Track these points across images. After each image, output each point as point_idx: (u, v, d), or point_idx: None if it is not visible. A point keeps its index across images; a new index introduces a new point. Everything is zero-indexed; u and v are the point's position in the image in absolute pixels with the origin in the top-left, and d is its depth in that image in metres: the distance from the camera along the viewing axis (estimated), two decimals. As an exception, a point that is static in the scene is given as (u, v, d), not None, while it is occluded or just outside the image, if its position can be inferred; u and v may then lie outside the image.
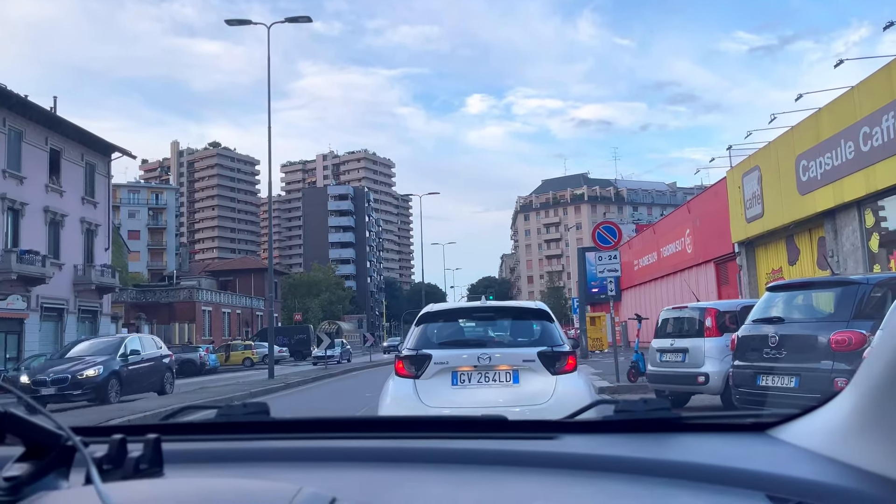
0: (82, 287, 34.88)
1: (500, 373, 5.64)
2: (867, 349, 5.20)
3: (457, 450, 1.27)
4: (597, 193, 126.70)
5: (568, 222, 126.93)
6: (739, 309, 9.86)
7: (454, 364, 5.67)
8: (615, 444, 1.28)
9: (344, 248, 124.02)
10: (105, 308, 37.88)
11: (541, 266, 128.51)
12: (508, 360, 5.66)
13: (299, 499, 0.81)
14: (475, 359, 5.64)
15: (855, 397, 1.07)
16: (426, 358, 5.72)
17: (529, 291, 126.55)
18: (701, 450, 1.23)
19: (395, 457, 1.25)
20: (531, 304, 6.57)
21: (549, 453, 1.22)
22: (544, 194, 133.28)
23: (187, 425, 1.49)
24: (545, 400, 5.47)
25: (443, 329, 6.17)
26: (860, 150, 16.10)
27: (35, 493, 0.86)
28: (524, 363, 5.65)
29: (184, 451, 1.27)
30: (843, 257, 17.59)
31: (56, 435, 0.94)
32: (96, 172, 37.16)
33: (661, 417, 1.37)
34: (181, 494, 0.85)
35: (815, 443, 1.13)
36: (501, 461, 1.21)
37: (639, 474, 1.12)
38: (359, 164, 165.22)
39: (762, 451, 1.20)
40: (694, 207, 29.76)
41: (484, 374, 5.64)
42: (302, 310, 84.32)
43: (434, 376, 5.67)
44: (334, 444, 1.33)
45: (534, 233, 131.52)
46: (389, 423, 1.60)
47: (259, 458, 1.26)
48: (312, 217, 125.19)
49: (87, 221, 36.18)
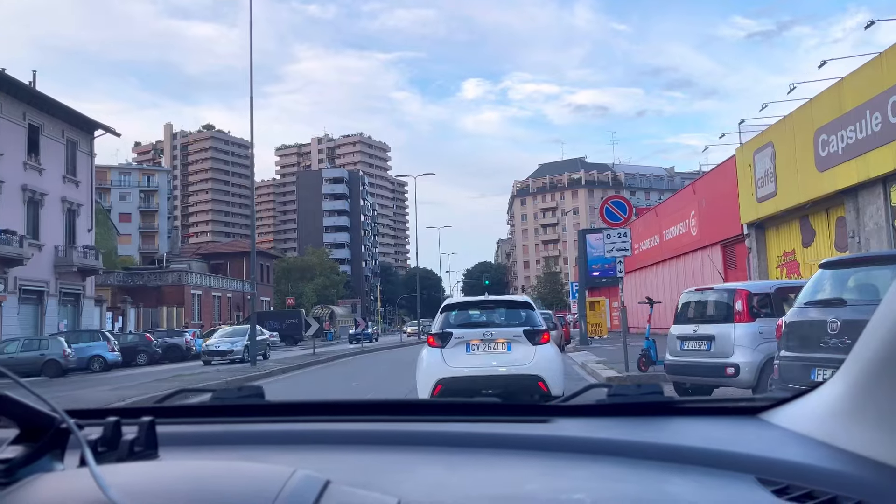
0: (63, 269, 33.59)
1: (499, 344, 8.15)
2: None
3: (451, 433, 1.27)
4: (594, 178, 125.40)
5: (565, 207, 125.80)
6: (774, 290, 8.70)
7: (467, 338, 8.15)
8: (608, 427, 1.28)
9: (339, 233, 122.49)
10: (88, 291, 36.61)
11: (537, 251, 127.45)
12: (504, 335, 8.18)
13: (293, 481, 0.82)
14: (481, 335, 8.17)
15: (846, 381, 1.07)
16: (449, 335, 8.19)
17: (525, 276, 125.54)
18: (693, 433, 1.24)
19: (389, 439, 1.26)
20: (518, 298, 9.32)
21: (542, 436, 1.23)
22: (541, 178, 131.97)
23: (182, 408, 1.52)
24: (528, 362, 7.98)
25: (459, 315, 8.67)
26: (888, 122, 14.89)
27: (30, 475, 0.86)
28: (514, 337, 8.14)
29: (179, 433, 1.28)
30: (866, 237, 16.42)
31: (51, 417, 0.94)
32: (78, 150, 35.76)
33: (653, 401, 1.38)
34: (175, 476, 0.86)
35: (806, 426, 1.14)
36: (495, 444, 1.21)
37: (631, 457, 1.13)
38: (354, 147, 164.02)
39: (753, 434, 1.21)
40: (700, 188, 28.54)
41: (487, 345, 8.14)
42: (295, 294, 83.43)
43: (454, 346, 8.12)
44: (329, 427, 1.33)
45: (530, 217, 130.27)
46: (384, 405, 1.52)
47: (253, 441, 1.27)
48: (307, 201, 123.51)
49: (69, 201, 34.83)
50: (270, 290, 65.60)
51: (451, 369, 7.94)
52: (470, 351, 8.12)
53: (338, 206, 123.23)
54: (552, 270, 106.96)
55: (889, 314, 0.97)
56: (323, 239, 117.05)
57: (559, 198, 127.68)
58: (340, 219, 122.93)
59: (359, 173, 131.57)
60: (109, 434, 0.99)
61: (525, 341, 8.09)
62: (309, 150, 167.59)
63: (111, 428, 0.99)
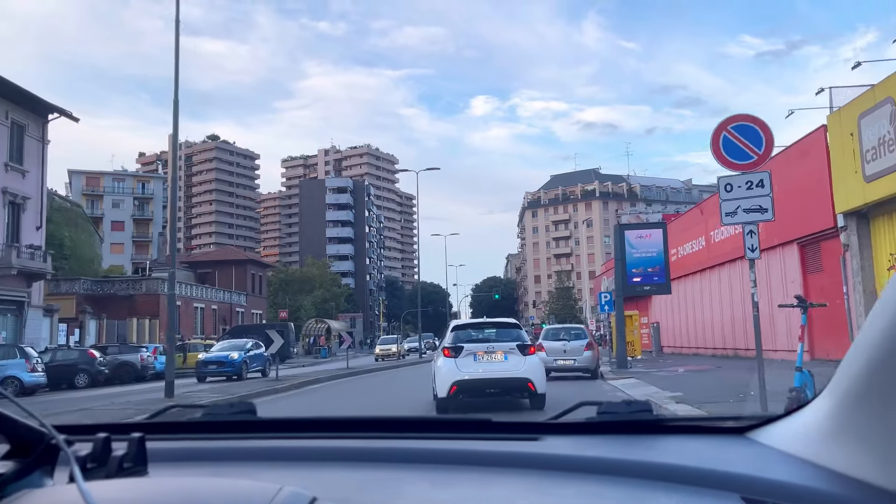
0: (1, 272, 28.49)
1: (498, 355, 11.00)
2: None
3: (440, 450, 1.28)
4: (608, 189, 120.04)
5: (578, 219, 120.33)
6: None
7: (474, 350, 11.07)
8: (597, 445, 1.29)
9: (342, 244, 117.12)
10: (35, 299, 31.41)
11: (549, 265, 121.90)
12: (501, 348, 11.08)
13: (280, 498, 0.82)
14: (485, 348, 11.12)
15: (832, 401, 1.07)
16: (461, 348, 11.09)
17: (536, 291, 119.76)
18: (680, 451, 1.24)
19: (377, 456, 1.26)
20: (510, 320, 12.49)
21: (531, 454, 1.23)
22: (553, 190, 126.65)
23: (172, 424, 1.51)
24: (521, 368, 10.82)
25: (466, 333, 11.67)
26: None
27: (19, 491, 0.86)
28: (510, 350, 11.04)
29: (168, 449, 1.27)
30: None
31: (41, 433, 0.95)
32: (26, 135, 30.75)
33: (643, 419, 1.39)
34: (163, 493, 0.86)
35: (792, 445, 1.14)
36: (484, 462, 1.22)
37: (619, 475, 1.14)
38: (361, 159, 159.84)
39: (740, 453, 1.22)
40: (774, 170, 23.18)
41: (489, 356, 11.00)
42: (294, 307, 78.36)
43: (464, 357, 10.96)
44: (318, 444, 1.33)
45: (542, 230, 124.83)
46: (373, 422, 1.55)
47: (243, 458, 1.27)
48: (310, 211, 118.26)
49: (11, 193, 29.78)
50: (264, 302, 60.47)
51: (462, 373, 10.80)
52: (476, 360, 10.95)
53: (342, 216, 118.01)
54: (564, 285, 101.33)
55: (871, 333, 0.95)
56: (326, 251, 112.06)
57: (572, 210, 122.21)
58: (344, 230, 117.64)
59: (364, 182, 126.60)
60: (99, 450, 0.98)
61: (518, 353, 11.02)
62: (315, 162, 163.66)
63: (101, 444, 0.99)
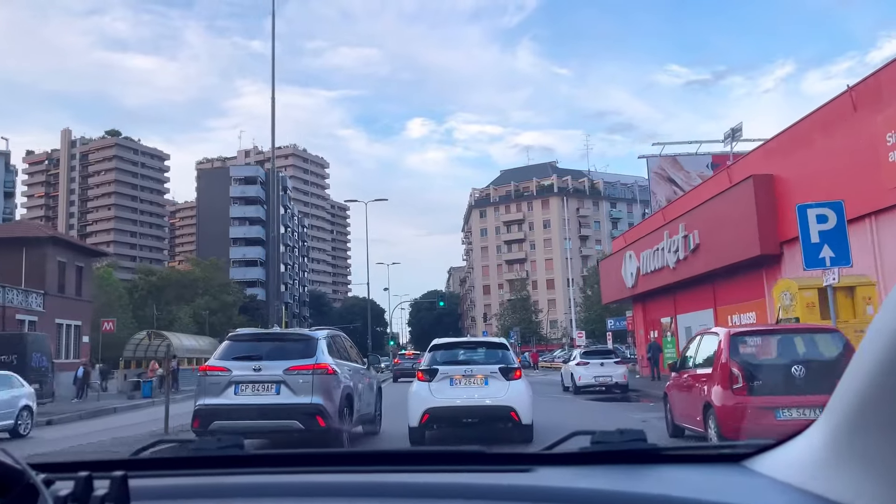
0: None
1: (478, 379, 10.14)
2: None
3: (431, 483, 1.26)
4: (568, 185, 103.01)
5: (534, 219, 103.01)
6: None
7: (451, 374, 10.19)
8: (591, 476, 1.27)
9: (250, 246, 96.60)
10: None
11: (499, 273, 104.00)
12: (482, 372, 10.19)
13: None
14: (463, 371, 10.21)
15: (828, 428, 1.06)
16: (435, 371, 10.26)
17: (486, 304, 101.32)
18: (676, 482, 1.23)
19: (368, 490, 1.24)
20: (496, 340, 11.67)
21: (524, 486, 1.21)
22: (504, 186, 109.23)
23: (156, 461, 1.46)
24: (503, 395, 9.94)
25: (444, 354, 10.74)
26: None
27: None
28: (491, 374, 10.13)
29: (152, 487, 1.24)
30: None
31: (20, 472, 0.94)
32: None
33: (637, 449, 1.37)
34: None
35: (788, 474, 1.13)
36: (474, 495, 1.19)
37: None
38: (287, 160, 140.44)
39: (736, 482, 1.20)
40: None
41: (468, 380, 10.15)
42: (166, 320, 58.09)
43: (439, 381, 10.16)
44: (308, 479, 1.31)
45: (491, 232, 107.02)
46: (362, 456, 1.54)
47: (229, 494, 1.24)
48: (210, 207, 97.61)
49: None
50: (87, 307, 40.06)
51: (437, 400, 9.95)
52: (453, 385, 10.10)
53: (250, 212, 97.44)
54: (521, 295, 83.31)
55: (865, 359, 0.94)
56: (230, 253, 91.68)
57: (526, 208, 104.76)
58: (252, 229, 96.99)
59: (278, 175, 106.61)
60: (80, 489, 0.95)
61: (500, 377, 10.08)
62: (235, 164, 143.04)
63: (82, 483, 0.96)
